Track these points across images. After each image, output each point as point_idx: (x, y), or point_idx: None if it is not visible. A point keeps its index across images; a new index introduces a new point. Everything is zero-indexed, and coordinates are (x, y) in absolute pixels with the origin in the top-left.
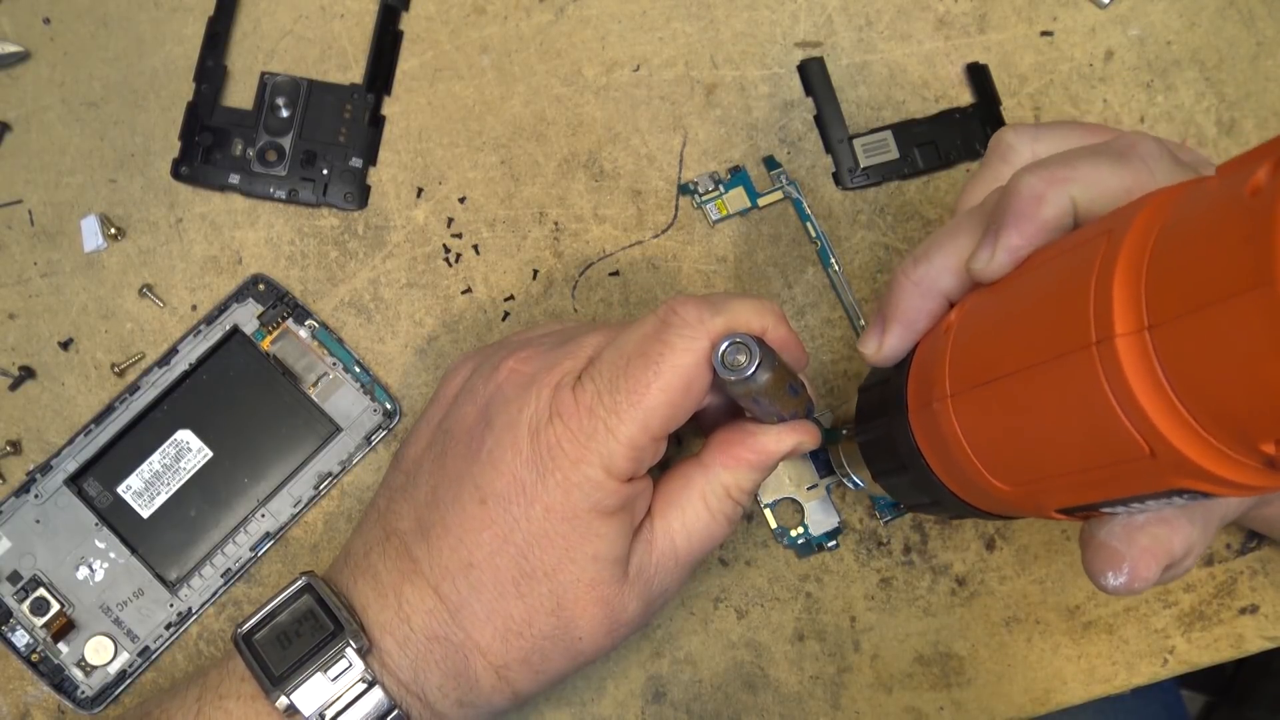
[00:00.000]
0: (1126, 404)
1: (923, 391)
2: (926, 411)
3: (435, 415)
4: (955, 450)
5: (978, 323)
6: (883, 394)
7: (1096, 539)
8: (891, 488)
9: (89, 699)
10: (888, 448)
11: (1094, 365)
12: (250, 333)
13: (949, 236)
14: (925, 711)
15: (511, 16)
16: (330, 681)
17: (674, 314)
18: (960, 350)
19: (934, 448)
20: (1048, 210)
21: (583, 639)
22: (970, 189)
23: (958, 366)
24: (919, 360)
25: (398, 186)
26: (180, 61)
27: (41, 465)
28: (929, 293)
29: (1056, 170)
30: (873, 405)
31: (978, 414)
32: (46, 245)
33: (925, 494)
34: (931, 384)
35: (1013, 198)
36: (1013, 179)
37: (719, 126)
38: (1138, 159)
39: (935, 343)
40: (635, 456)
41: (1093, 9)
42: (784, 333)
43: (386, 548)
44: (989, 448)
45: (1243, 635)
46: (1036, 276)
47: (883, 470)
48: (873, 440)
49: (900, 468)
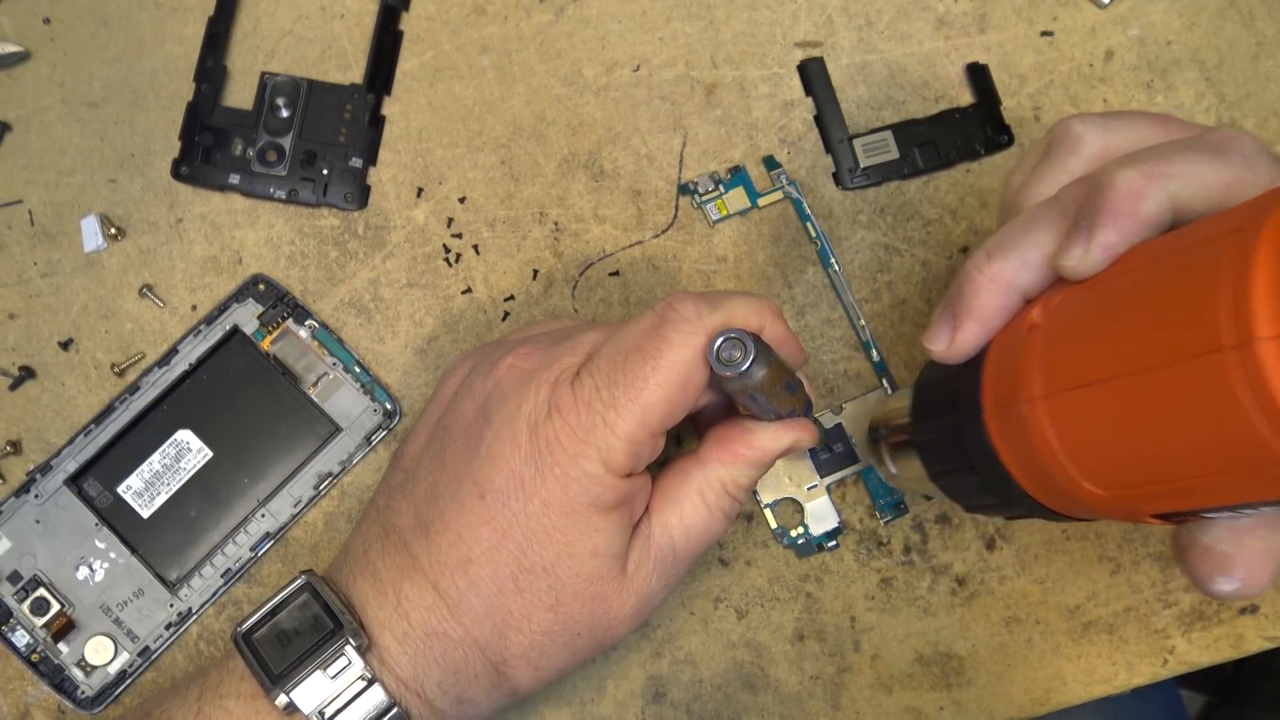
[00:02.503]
0: (1265, 410)
1: (1003, 392)
2: (1009, 412)
3: (434, 413)
4: (1044, 453)
5: (1073, 322)
6: (950, 392)
7: (1200, 544)
8: (952, 488)
9: (89, 699)
10: (954, 448)
11: (1226, 370)
12: (250, 333)
13: (1025, 231)
14: (925, 711)
15: (511, 16)
16: (330, 679)
17: (672, 310)
18: (1053, 350)
19: (1015, 450)
20: (1147, 207)
21: (581, 635)
22: (1034, 181)
23: (1051, 367)
24: (996, 358)
25: (398, 186)
26: (180, 61)
27: (41, 465)
28: (1006, 289)
29: (1156, 165)
30: (936, 403)
31: (1076, 417)
32: (46, 245)
33: (994, 495)
34: (1017, 384)
35: (1109, 193)
36: (1106, 173)
37: (719, 126)
38: (1238, 155)
39: (1017, 341)
40: (633, 452)
41: (1093, 9)
42: (781, 330)
43: (386, 545)
44: (1087, 452)
45: (1243, 635)
46: (1144, 275)
47: (945, 470)
48: (935, 440)
49: (966, 469)
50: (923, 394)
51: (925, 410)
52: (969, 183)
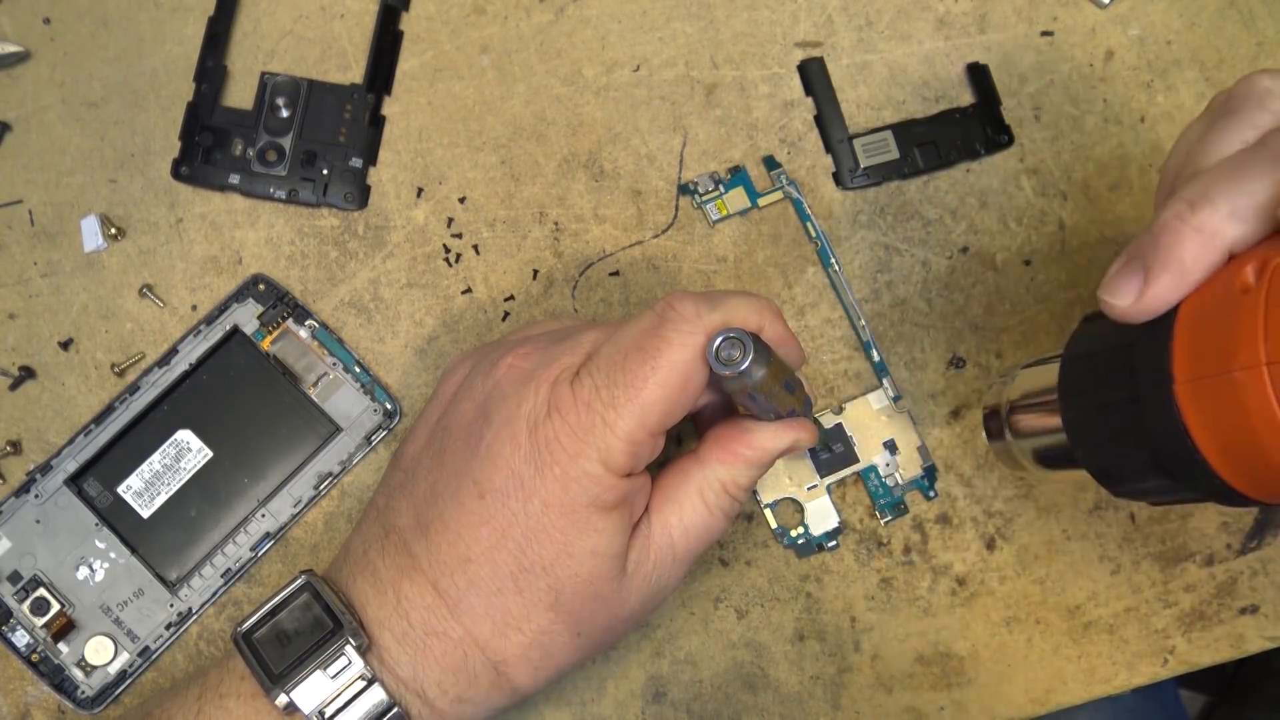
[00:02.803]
0: None
1: (1208, 358)
2: (1217, 380)
3: (434, 413)
4: (1261, 425)
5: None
6: (1123, 361)
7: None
8: (1112, 468)
9: (89, 699)
10: (1123, 423)
11: None
12: (250, 333)
13: (1234, 179)
14: (925, 711)
15: (511, 16)
16: (330, 679)
17: (671, 309)
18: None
19: (1217, 422)
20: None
21: (581, 634)
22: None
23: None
24: (1194, 323)
25: (398, 186)
26: (180, 61)
27: (41, 465)
28: (1213, 240)
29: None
30: (1102, 375)
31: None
32: (46, 245)
33: (1168, 476)
34: (1233, 349)
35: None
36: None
37: (719, 126)
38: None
39: (1227, 303)
40: (633, 452)
41: (1093, 9)
42: (780, 330)
43: (385, 545)
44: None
45: (1243, 635)
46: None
47: (1106, 450)
48: (1096, 415)
49: (1136, 446)
50: (1080, 365)
51: (1084, 383)
52: (969, 183)
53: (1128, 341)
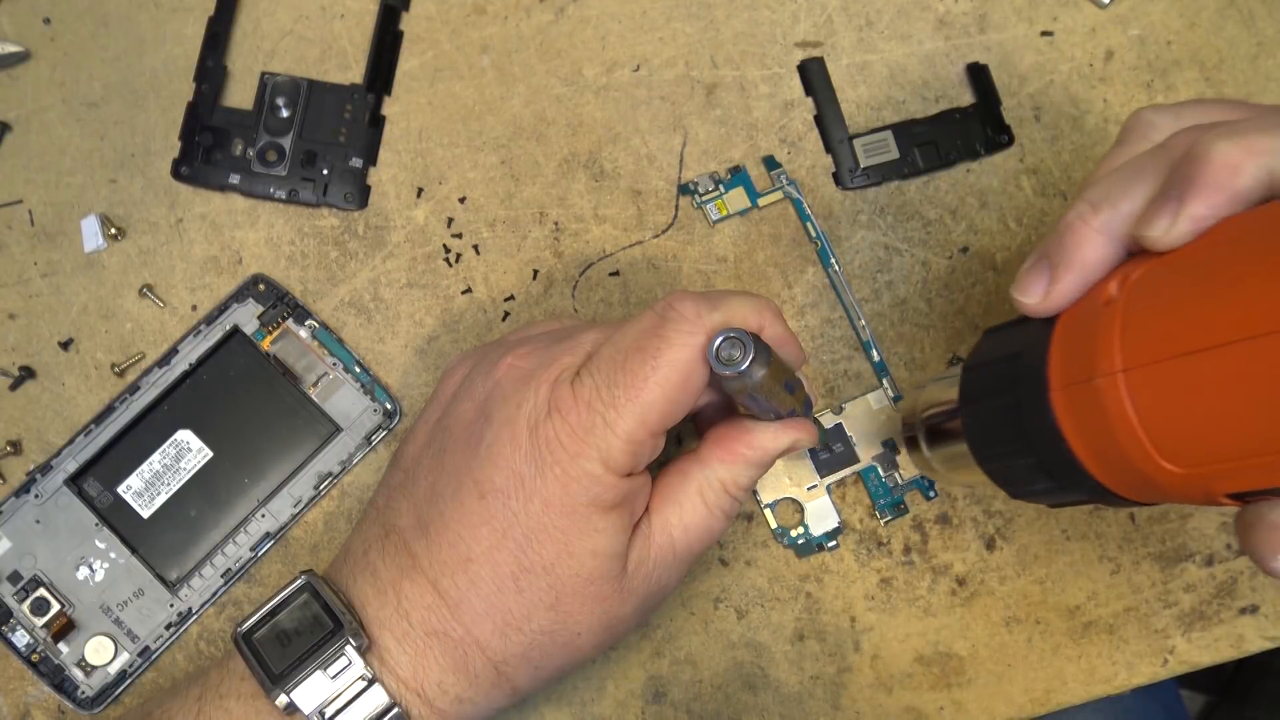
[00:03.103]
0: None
1: (1076, 367)
2: (1082, 388)
3: (434, 414)
4: (1121, 430)
5: (1159, 292)
6: (1009, 370)
7: (1267, 520)
8: (1003, 472)
9: (89, 699)
10: (1010, 429)
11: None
12: (250, 333)
13: (1131, 182)
14: (925, 711)
15: (511, 16)
16: (330, 679)
17: (672, 309)
18: (1137, 323)
19: (1085, 427)
20: (1243, 181)
21: (581, 634)
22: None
23: (1134, 340)
24: (1066, 334)
25: (398, 186)
26: (180, 61)
27: (41, 465)
28: (1110, 241)
29: (1255, 139)
30: (992, 383)
31: (1159, 392)
32: (46, 245)
33: (1051, 479)
34: (1094, 358)
35: (1203, 164)
36: (1200, 144)
37: (719, 126)
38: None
39: (1092, 314)
40: (633, 451)
41: (1093, 9)
42: (781, 330)
43: (386, 545)
44: (1169, 428)
45: (1243, 635)
46: (1244, 246)
47: (997, 454)
48: (989, 422)
49: (1022, 450)
50: (975, 374)
51: (979, 391)
52: (969, 183)
53: (1015, 351)
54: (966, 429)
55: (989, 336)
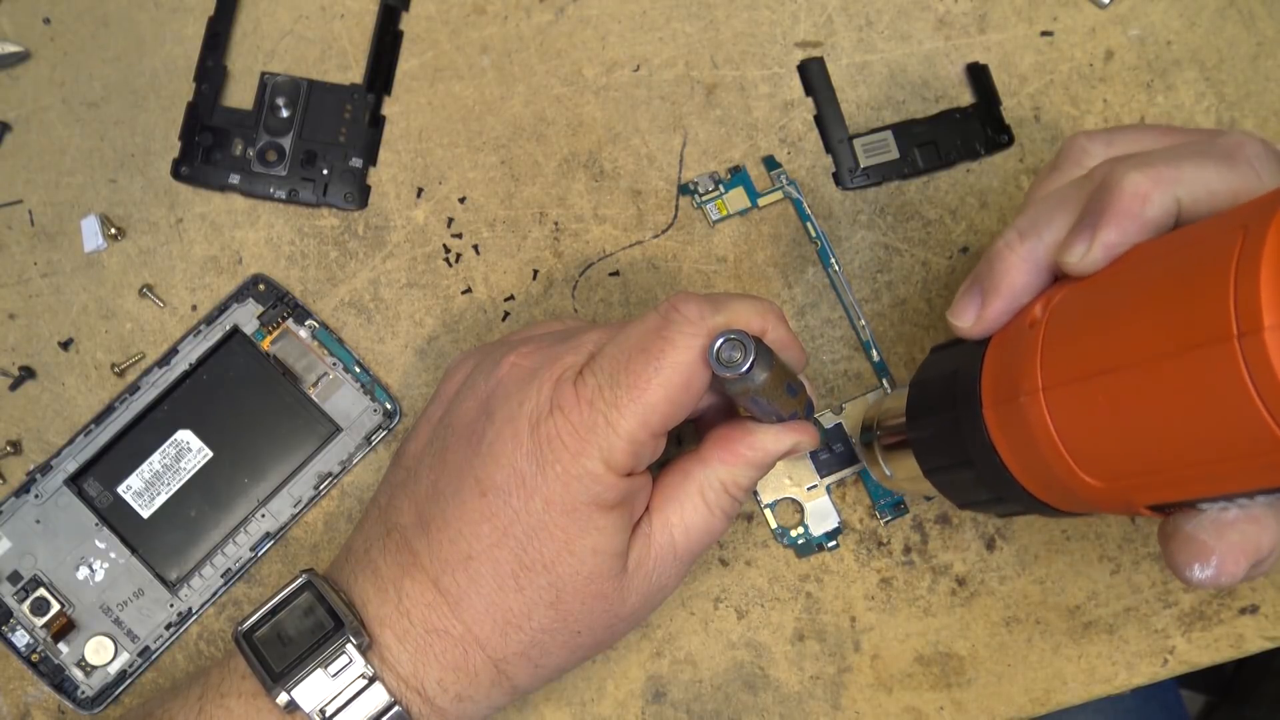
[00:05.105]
0: (1271, 398)
1: (1004, 386)
2: (1009, 406)
3: (436, 412)
4: (1044, 446)
5: (1075, 315)
6: (949, 388)
7: (1183, 532)
8: (948, 484)
9: (89, 699)
10: (952, 444)
11: (1234, 358)
12: (250, 333)
13: (1056, 211)
14: (925, 711)
15: (511, 16)
16: (330, 678)
17: (675, 311)
18: (1055, 344)
19: (1014, 443)
20: (1152, 210)
21: (581, 633)
22: (1040, 189)
23: (1052, 360)
24: (997, 354)
25: (398, 186)
26: (180, 61)
27: (41, 465)
28: (1037, 267)
29: (1163, 170)
30: (933, 400)
31: (1076, 409)
32: (46, 245)
33: (990, 491)
34: (1018, 377)
35: (1115, 194)
36: (1113, 175)
37: (719, 126)
38: (1244, 162)
39: (1018, 336)
40: (634, 451)
41: (1093, 9)
42: (783, 333)
43: (387, 543)
44: (1087, 444)
45: (1243, 635)
46: (1151, 270)
47: (940, 466)
48: (932, 436)
49: (963, 464)
50: (919, 391)
51: (922, 406)
52: (969, 183)
53: (954, 369)
54: (913, 442)
55: (934, 354)
